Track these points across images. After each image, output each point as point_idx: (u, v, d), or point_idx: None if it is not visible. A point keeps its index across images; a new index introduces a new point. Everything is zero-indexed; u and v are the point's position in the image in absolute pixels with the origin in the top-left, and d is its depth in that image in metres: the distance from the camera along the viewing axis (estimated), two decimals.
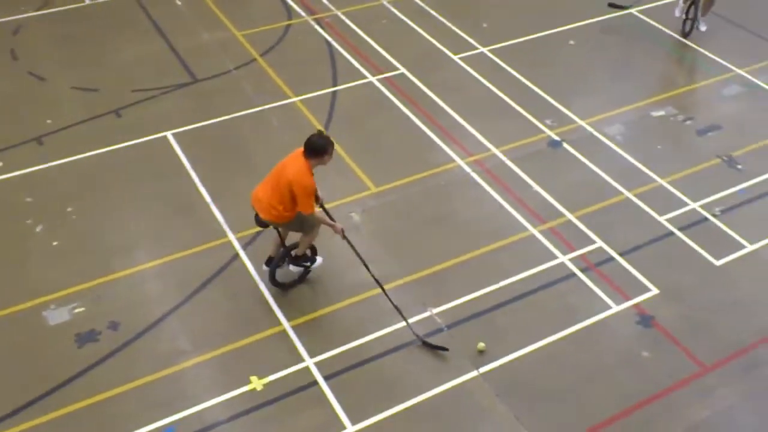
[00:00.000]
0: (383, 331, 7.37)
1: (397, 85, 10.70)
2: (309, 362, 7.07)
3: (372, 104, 10.38)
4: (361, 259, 7.40)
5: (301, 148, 6.95)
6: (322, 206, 7.46)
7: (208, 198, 8.77)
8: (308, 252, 7.67)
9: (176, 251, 8.13)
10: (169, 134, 9.69)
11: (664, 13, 12.15)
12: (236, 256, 8.09)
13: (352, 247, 7.38)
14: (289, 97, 10.40)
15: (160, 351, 7.17)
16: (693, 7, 11.38)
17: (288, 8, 12.41)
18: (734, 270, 8.02)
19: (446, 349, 7.17)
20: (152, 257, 8.07)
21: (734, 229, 8.46)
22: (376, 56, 11.26)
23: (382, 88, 10.63)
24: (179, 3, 12.46)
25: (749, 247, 8.26)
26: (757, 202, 8.84)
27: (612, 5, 10.99)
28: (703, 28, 11.48)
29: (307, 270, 7.80)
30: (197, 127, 9.84)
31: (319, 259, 7.78)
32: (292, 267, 7.67)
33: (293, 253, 7.56)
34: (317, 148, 6.86)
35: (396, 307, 7.33)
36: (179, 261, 8.03)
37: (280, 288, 7.71)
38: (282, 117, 10.09)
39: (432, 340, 7.24)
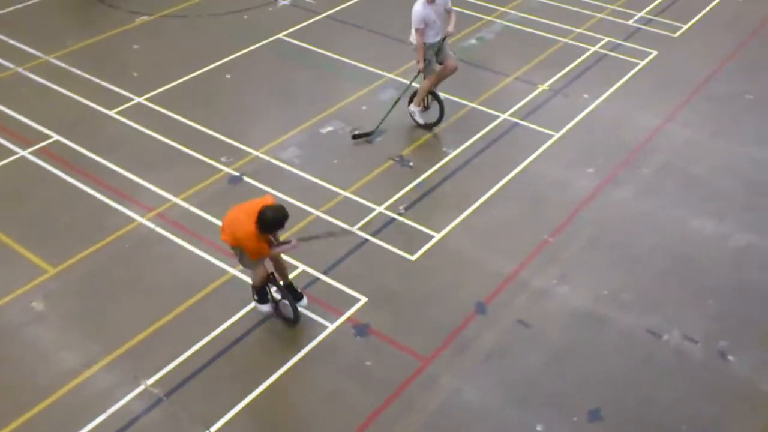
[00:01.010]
0: (96, 421, 6.61)
1: (54, 154, 9.77)
2: None
3: (29, 180, 9.35)
4: (326, 235, 7.73)
5: (261, 206, 6.77)
6: (275, 239, 7.20)
7: None
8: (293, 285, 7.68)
9: None
10: None
11: (308, 34, 12.59)
12: None
13: (313, 237, 7.57)
14: None
15: None
16: (434, 96, 10.39)
17: None
18: (429, 260, 8.41)
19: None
20: None
21: (419, 223, 8.90)
22: (22, 128, 10.18)
23: (38, 161, 9.63)
24: None
25: (437, 236, 8.73)
26: (431, 194, 9.40)
27: (355, 137, 10.21)
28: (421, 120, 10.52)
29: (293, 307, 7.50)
30: None
31: (303, 301, 7.62)
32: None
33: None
34: (265, 224, 6.74)
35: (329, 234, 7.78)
36: None
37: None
38: None
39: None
